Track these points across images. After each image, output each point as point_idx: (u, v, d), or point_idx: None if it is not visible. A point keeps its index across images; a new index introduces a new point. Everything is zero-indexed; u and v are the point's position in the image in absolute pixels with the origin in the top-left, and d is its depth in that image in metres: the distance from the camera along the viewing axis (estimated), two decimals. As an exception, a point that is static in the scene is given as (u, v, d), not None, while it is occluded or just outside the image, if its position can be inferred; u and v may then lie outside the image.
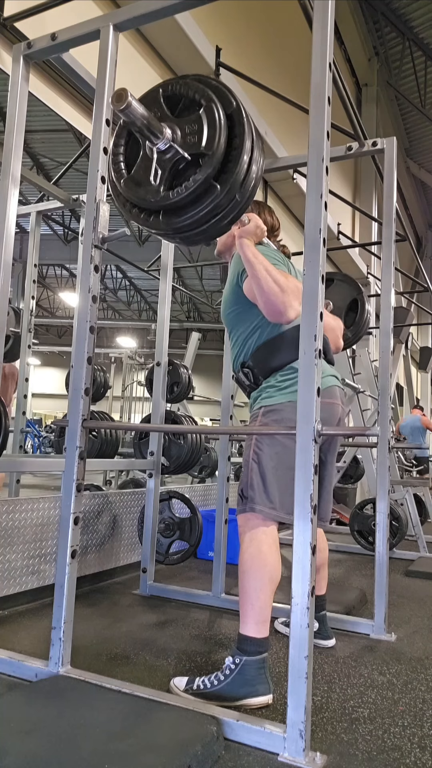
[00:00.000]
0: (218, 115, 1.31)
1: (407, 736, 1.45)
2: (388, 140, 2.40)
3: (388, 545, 2.29)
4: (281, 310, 1.65)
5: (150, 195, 1.39)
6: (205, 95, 1.33)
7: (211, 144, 1.30)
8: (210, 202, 1.34)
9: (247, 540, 1.68)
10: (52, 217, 11.14)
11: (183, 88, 1.37)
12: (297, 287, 1.67)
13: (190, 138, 1.33)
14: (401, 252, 11.56)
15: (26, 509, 2.39)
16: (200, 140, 1.32)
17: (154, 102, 1.41)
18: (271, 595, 1.62)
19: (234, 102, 1.33)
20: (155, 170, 1.38)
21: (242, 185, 1.34)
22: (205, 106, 1.32)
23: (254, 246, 1.76)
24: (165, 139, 1.34)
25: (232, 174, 1.31)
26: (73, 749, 1.18)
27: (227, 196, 1.33)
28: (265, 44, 5.02)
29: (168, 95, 1.40)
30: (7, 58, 2.40)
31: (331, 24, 1.45)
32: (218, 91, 1.34)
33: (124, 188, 1.45)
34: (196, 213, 1.36)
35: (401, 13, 8.16)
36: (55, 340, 18.63)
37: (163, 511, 2.80)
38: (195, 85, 1.35)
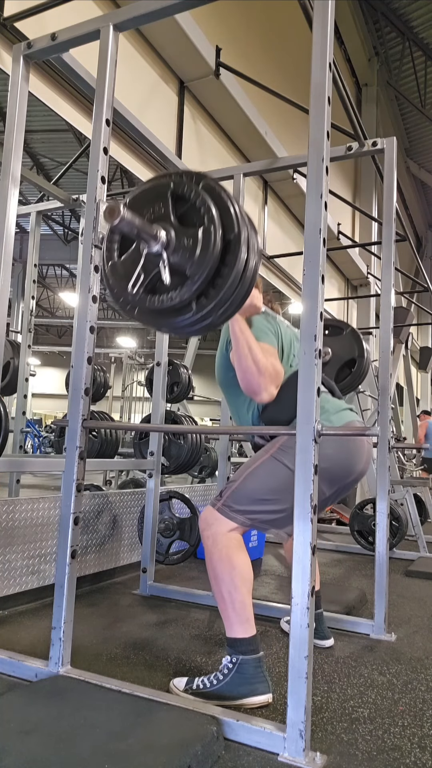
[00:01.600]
0: (214, 242, 1.24)
1: (407, 736, 1.45)
2: (388, 140, 2.40)
3: (388, 545, 2.29)
4: (255, 390, 1.68)
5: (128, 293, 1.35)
6: (209, 215, 1.26)
7: (197, 270, 1.25)
8: (184, 318, 1.31)
9: (210, 543, 1.67)
10: (52, 217, 11.14)
11: (193, 195, 1.30)
12: (276, 370, 1.69)
13: (182, 252, 1.28)
14: (401, 252, 11.56)
15: (26, 509, 2.39)
16: (190, 260, 1.26)
17: (161, 197, 1.35)
18: (247, 593, 1.62)
19: (236, 228, 1.26)
20: (138, 273, 1.34)
21: (222, 310, 1.29)
22: (205, 228, 1.26)
23: (244, 321, 1.73)
24: (158, 245, 1.29)
25: (212, 300, 1.27)
26: (73, 749, 1.18)
27: (202, 317, 1.30)
28: (265, 44, 5.02)
29: (177, 195, 1.33)
30: (7, 58, 2.40)
31: (331, 24, 1.45)
32: (225, 212, 1.27)
33: (109, 272, 1.41)
34: (171, 322, 1.33)
35: (401, 13, 8.15)
36: (55, 340, 18.64)
37: (163, 511, 2.80)
38: (204, 198, 1.28)
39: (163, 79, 3.61)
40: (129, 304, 1.37)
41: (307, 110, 1.47)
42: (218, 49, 3.66)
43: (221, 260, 1.26)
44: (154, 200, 1.36)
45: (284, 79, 5.24)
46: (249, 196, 4.90)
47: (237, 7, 4.50)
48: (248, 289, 1.32)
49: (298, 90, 4.77)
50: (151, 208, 1.36)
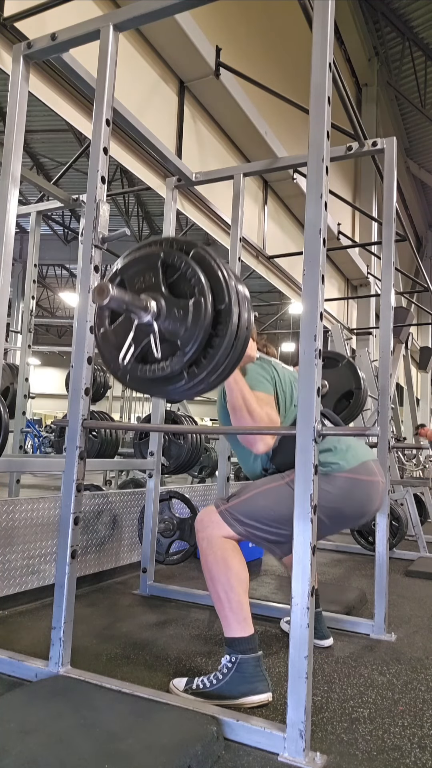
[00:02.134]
0: (205, 314, 1.24)
1: (407, 736, 1.45)
2: (388, 140, 2.40)
3: (388, 545, 2.29)
4: (250, 441, 1.67)
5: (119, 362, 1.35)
6: (200, 286, 1.26)
7: (188, 340, 1.25)
8: (175, 387, 1.31)
9: (205, 544, 1.67)
10: (52, 217, 11.14)
11: (184, 265, 1.29)
12: (271, 420, 1.68)
13: (173, 321, 1.28)
14: (401, 252, 11.56)
15: (26, 509, 2.39)
16: (181, 329, 1.26)
17: (151, 266, 1.34)
18: (243, 593, 1.63)
19: (227, 298, 1.26)
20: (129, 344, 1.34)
21: (212, 378, 1.29)
22: (195, 300, 1.25)
23: (238, 372, 1.72)
24: (148, 316, 1.29)
25: (204, 370, 1.27)
26: (73, 749, 1.18)
27: (195, 385, 1.30)
28: (265, 44, 5.02)
29: (167, 264, 1.32)
30: (7, 58, 2.40)
31: (331, 24, 1.45)
32: (216, 284, 1.27)
33: (101, 340, 1.41)
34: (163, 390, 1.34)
35: (401, 13, 8.16)
36: (55, 340, 18.63)
37: (163, 511, 2.80)
38: (194, 270, 1.27)
39: (163, 79, 3.61)
40: (120, 372, 1.37)
41: (307, 110, 1.47)
42: (218, 49, 3.66)
43: (212, 329, 1.26)
44: (145, 269, 1.35)
45: (284, 79, 5.24)
46: (249, 196, 4.91)
47: (237, 7, 4.50)
48: (240, 355, 1.31)
49: (298, 90, 4.77)
50: (141, 277, 1.35)
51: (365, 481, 1.74)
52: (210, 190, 4.05)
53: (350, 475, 1.71)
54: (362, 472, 1.74)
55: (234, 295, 1.28)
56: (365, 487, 1.74)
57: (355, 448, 1.79)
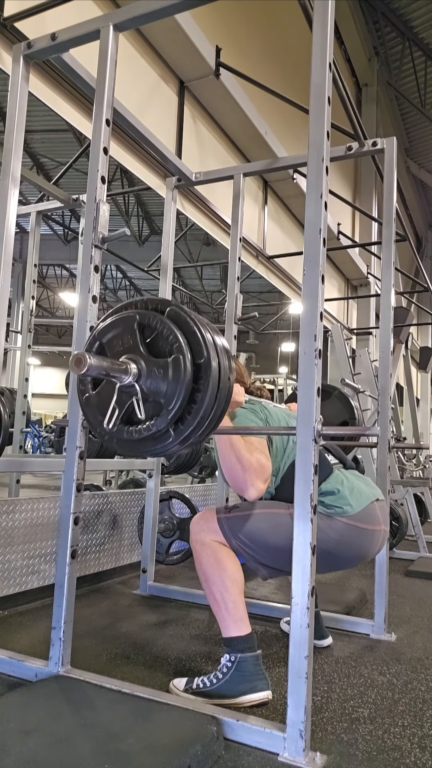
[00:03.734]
0: (184, 371, 1.25)
1: (407, 736, 1.45)
2: (388, 140, 2.40)
3: (388, 545, 2.29)
4: (242, 488, 1.65)
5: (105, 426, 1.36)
6: (177, 344, 1.27)
7: (171, 398, 1.26)
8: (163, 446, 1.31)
9: (198, 546, 1.68)
10: (52, 217, 11.13)
11: (159, 325, 1.31)
12: (261, 466, 1.65)
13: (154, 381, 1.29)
14: (401, 252, 11.56)
15: (26, 509, 2.39)
16: (162, 389, 1.27)
17: (128, 330, 1.35)
18: (239, 593, 1.63)
19: (205, 353, 1.27)
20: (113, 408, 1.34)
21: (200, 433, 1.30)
22: (174, 358, 1.27)
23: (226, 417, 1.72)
24: (129, 378, 1.30)
25: (189, 426, 1.27)
26: (73, 749, 1.18)
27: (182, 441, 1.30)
28: (265, 44, 5.02)
29: (143, 325, 1.34)
30: (7, 58, 2.39)
31: (331, 24, 1.45)
32: (194, 339, 1.28)
33: (84, 405, 1.42)
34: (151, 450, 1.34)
35: (401, 13, 8.15)
36: (55, 340, 18.63)
37: (163, 511, 2.80)
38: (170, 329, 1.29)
39: (163, 79, 3.61)
40: (107, 436, 1.37)
41: (307, 110, 1.47)
42: (218, 49, 3.65)
43: (194, 384, 1.27)
44: (123, 332, 1.36)
45: (284, 79, 5.24)
46: (249, 196, 4.91)
47: (237, 7, 4.50)
48: (225, 406, 1.31)
49: (298, 90, 4.77)
50: (120, 340, 1.36)
51: (367, 531, 1.71)
52: (210, 190, 4.05)
53: (352, 523, 1.67)
54: (365, 521, 1.70)
55: (212, 347, 1.29)
56: (366, 536, 1.71)
57: (360, 491, 1.76)
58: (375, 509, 1.75)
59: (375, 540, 1.74)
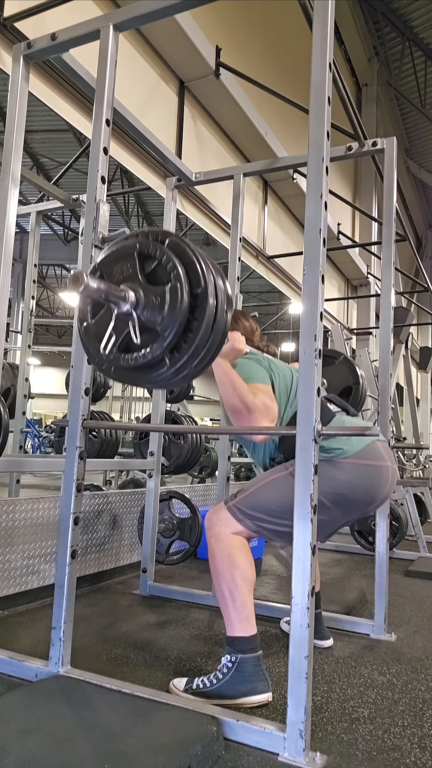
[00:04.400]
0: (181, 299, 1.27)
1: (407, 736, 1.45)
2: (388, 140, 2.40)
3: (388, 545, 2.29)
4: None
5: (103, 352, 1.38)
6: (175, 272, 1.28)
7: (167, 326, 1.27)
8: (159, 373, 1.33)
9: (213, 541, 1.67)
10: (52, 217, 11.14)
11: (159, 253, 1.32)
12: (266, 406, 1.65)
13: (151, 310, 1.30)
14: (401, 252, 11.56)
15: (26, 509, 2.39)
16: (159, 317, 1.29)
17: (128, 257, 1.37)
18: (248, 593, 1.62)
19: (203, 282, 1.28)
20: (110, 334, 1.36)
21: (196, 362, 1.31)
22: (172, 286, 1.28)
23: (228, 364, 1.73)
24: (127, 305, 1.31)
25: (184, 354, 1.29)
26: (73, 749, 1.18)
27: (177, 371, 1.32)
28: (265, 44, 5.02)
29: (142, 254, 1.35)
30: (7, 58, 2.40)
31: (331, 24, 1.45)
32: (191, 268, 1.29)
33: (83, 333, 1.44)
34: (147, 378, 1.36)
35: (401, 13, 8.16)
36: (55, 340, 18.63)
37: (163, 511, 2.80)
38: (169, 256, 1.30)
39: (163, 79, 3.61)
40: (104, 364, 1.38)
41: (307, 110, 1.47)
42: (218, 49, 3.66)
43: (191, 314, 1.28)
44: (123, 260, 1.38)
45: (284, 79, 5.24)
46: (249, 196, 4.91)
47: (237, 7, 4.50)
48: (221, 340, 1.33)
49: (298, 90, 4.77)
50: (120, 268, 1.38)
51: (373, 466, 1.71)
52: (210, 190, 4.05)
53: (356, 461, 1.68)
54: (369, 457, 1.70)
55: (210, 279, 1.30)
56: (373, 472, 1.71)
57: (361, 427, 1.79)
58: (377, 447, 1.75)
59: (383, 476, 1.73)
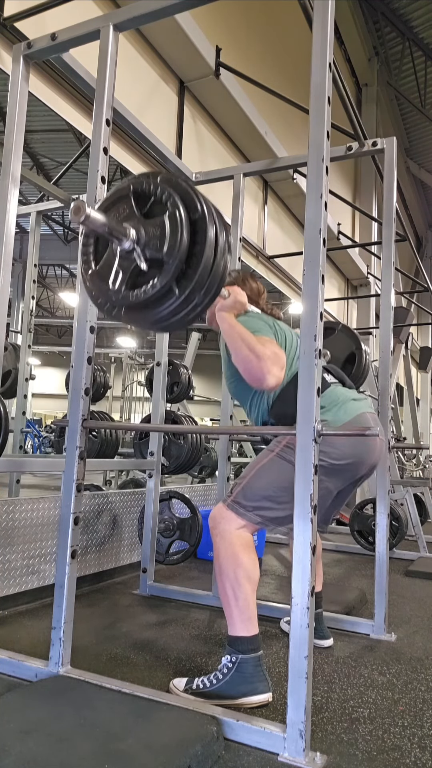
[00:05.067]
0: (180, 222, 1.29)
1: (407, 736, 1.45)
2: (388, 140, 2.40)
3: (388, 545, 2.29)
4: (259, 377, 1.64)
5: (112, 293, 1.39)
6: (171, 200, 1.31)
7: (171, 252, 1.29)
8: (170, 304, 1.33)
9: (218, 539, 1.67)
10: (52, 217, 11.13)
11: (152, 187, 1.35)
12: (275, 354, 1.65)
13: (153, 242, 1.33)
14: (401, 252, 11.56)
15: (26, 509, 2.39)
16: (162, 245, 1.31)
17: (125, 198, 1.40)
18: (251, 592, 1.62)
19: (199, 206, 1.31)
20: (117, 269, 1.38)
21: (204, 288, 1.33)
22: (170, 212, 1.30)
23: (233, 318, 1.74)
24: (129, 241, 1.33)
25: (192, 280, 1.30)
26: (73, 749, 1.18)
27: (187, 298, 1.32)
28: (265, 44, 5.02)
29: (138, 193, 1.38)
30: (7, 58, 2.39)
31: (331, 24, 1.45)
32: (186, 196, 1.32)
33: (90, 282, 1.45)
34: (158, 313, 1.36)
35: (401, 13, 8.15)
36: (55, 340, 18.64)
37: (163, 511, 2.79)
38: (163, 187, 1.34)
39: (163, 79, 3.61)
40: (114, 305, 1.40)
41: (307, 110, 1.47)
42: (218, 49, 3.65)
43: (192, 240, 1.30)
44: (119, 203, 1.40)
45: (284, 79, 5.24)
46: (249, 196, 4.90)
47: (237, 7, 4.50)
48: (225, 265, 1.35)
49: (298, 90, 4.77)
50: (116, 212, 1.40)
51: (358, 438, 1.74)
52: (210, 190, 4.03)
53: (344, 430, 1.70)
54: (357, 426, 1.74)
55: (205, 204, 1.33)
56: (361, 441, 1.74)
57: (351, 405, 1.80)
58: (366, 417, 1.80)
59: (372, 445, 1.78)
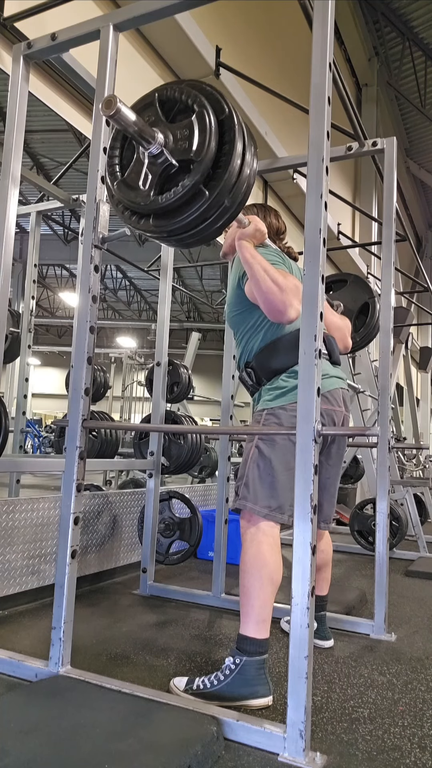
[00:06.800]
0: (209, 122, 1.31)
1: (407, 736, 1.45)
2: (388, 140, 2.40)
3: (388, 545, 2.29)
4: (281, 309, 1.64)
5: (140, 198, 1.40)
6: (198, 101, 1.33)
7: (200, 150, 1.30)
8: (199, 206, 1.34)
9: (248, 539, 1.68)
10: (52, 217, 11.14)
11: (177, 93, 1.37)
12: (296, 286, 1.65)
13: (181, 143, 1.34)
14: (401, 252, 11.55)
15: (26, 509, 2.39)
16: (190, 146, 1.32)
17: (150, 106, 1.41)
18: (271, 595, 1.62)
19: (226, 108, 1.33)
20: (145, 174, 1.39)
21: (232, 191, 1.34)
22: (197, 113, 1.32)
23: (253, 247, 1.75)
24: (156, 144, 1.34)
25: (221, 180, 1.31)
26: (73, 749, 1.18)
27: (216, 200, 1.33)
28: (265, 44, 5.02)
29: (163, 100, 1.39)
30: (7, 58, 2.39)
31: (331, 24, 1.45)
32: (211, 97, 1.34)
33: (117, 191, 1.47)
34: (186, 217, 1.36)
35: (401, 13, 8.15)
36: (55, 340, 18.64)
37: (163, 511, 2.79)
38: (189, 90, 1.36)
39: (163, 79, 3.61)
40: (143, 212, 1.41)
41: (307, 110, 1.47)
42: (218, 49, 3.65)
43: (220, 141, 1.31)
44: (144, 111, 1.42)
45: (284, 79, 5.24)
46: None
47: (237, 7, 4.50)
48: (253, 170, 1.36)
49: (298, 90, 4.76)
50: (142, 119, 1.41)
51: (326, 410, 1.79)
52: (210, 190, 4.05)
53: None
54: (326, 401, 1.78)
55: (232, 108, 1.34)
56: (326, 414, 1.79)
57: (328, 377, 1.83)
58: (338, 393, 1.86)
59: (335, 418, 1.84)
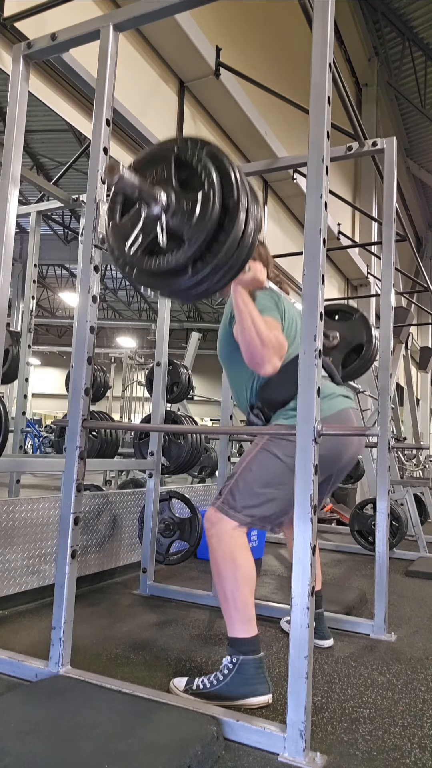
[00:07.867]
0: (212, 208, 1.25)
1: (407, 736, 1.45)
2: (388, 140, 2.40)
3: (388, 545, 2.29)
4: (258, 362, 1.65)
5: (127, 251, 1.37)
6: (210, 180, 1.27)
7: (194, 234, 1.26)
8: (179, 282, 1.31)
9: (214, 541, 1.67)
10: (52, 217, 11.14)
11: (196, 160, 1.31)
12: (279, 343, 1.66)
13: (181, 216, 1.29)
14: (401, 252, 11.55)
15: (26, 509, 2.39)
16: (188, 224, 1.27)
17: (164, 160, 1.36)
18: (250, 593, 1.62)
19: (236, 195, 1.26)
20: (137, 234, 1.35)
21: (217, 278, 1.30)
22: (204, 193, 1.26)
23: (247, 294, 1.73)
24: (157, 208, 1.30)
25: (207, 265, 1.27)
26: (73, 749, 1.18)
27: (198, 282, 1.30)
28: (265, 44, 5.02)
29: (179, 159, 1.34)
30: (7, 58, 2.39)
31: (331, 24, 1.45)
32: (226, 180, 1.28)
33: (110, 232, 1.44)
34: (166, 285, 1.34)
35: (401, 13, 8.15)
36: (55, 340, 18.64)
37: (163, 511, 2.79)
38: (206, 163, 1.29)
39: (163, 79, 3.61)
40: (127, 265, 1.38)
41: (307, 110, 1.47)
42: (218, 49, 3.65)
43: (219, 225, 1.27)
44: (158, 164, 1.38)
45: (284, 79, 5.24)
46: (249, 196, 4.90)
47: (237, 7, 4.50)
48: (246, 257, 1.32)
49: (298, 90, 4.77)
50: (153, 172, 1.37)
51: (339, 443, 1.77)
52: (210, 190, 4.04)
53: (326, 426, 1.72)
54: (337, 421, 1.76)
55: (243, 192, 1.28)
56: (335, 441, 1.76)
57: (338, 397, 1.81)
58: (349, 414, 1.83)
59: (349, 441, 1.81)
